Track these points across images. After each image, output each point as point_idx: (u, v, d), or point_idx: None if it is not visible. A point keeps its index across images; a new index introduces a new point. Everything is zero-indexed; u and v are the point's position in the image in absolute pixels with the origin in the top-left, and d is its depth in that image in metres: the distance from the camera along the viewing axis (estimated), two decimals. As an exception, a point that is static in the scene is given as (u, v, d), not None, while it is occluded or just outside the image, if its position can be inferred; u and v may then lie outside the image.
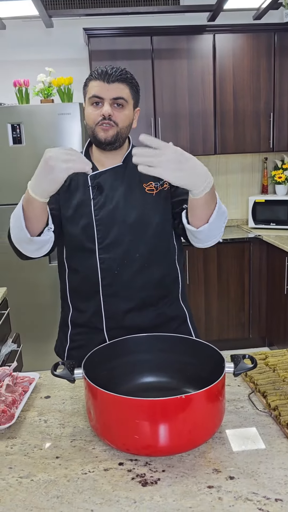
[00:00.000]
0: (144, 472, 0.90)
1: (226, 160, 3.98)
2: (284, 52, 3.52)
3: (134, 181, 1.37)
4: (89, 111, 1.31)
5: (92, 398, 0.98)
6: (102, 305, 1.39)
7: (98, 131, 1.31)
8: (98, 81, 1.28)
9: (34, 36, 3.61)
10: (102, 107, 1.29)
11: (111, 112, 1.28)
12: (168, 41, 3.42)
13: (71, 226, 1.37)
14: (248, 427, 1.04)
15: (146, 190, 1.37)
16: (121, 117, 1.31)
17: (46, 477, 0.90)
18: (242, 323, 3.61)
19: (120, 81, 1.29)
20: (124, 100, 1.30)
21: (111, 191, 1.36)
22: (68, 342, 1.49)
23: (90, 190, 1.36)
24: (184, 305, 1.51)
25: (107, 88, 1.28)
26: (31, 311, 3.24)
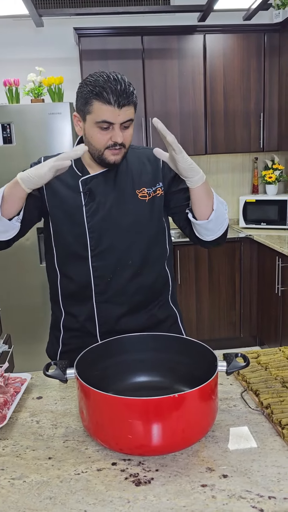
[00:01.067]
0: (137, 472, 0.90)
1: (217, 160, 3.99)
2: (273, 52, 3.54)
3: (127, 187, 1.35)
4: (97, 134, 1.25)
5: (84, 398, 0.98)
6: (95, 311, 1.38)
7: (108, 154, 1.27)
8: (107, 105, 1.20)
9: (24, 35, 3.59)
10: (112, 131, 1.23)
11: (123, 138, 1.25)
12: (158, 41, 3.42)
13: (62, 234, 1.36)
14: (241, 425, 1.04)
15: (139, 197, 1.35)
16: (128, 138, 1.28)
17: (39, 478, 0.90)
18: (233, 322, 3.62)
19: (129, 104, 1.23)
20: (131, 121, 1.27)
21: (103, 196, 1.34)
22: (60, 345, 1.47)
23: (81, 196, 1.33)
24: (174, 306, 1.51)
25: (118, 113, 1.22)
26: (22, 312, 3.22)
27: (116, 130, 1.23)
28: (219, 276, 3.54)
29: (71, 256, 1.36)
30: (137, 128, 3.49)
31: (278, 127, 3.64)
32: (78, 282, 1.37)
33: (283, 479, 0.86)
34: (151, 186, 1.37)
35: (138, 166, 1.37)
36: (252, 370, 1.25)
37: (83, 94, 1.24)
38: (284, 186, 4.04)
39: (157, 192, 1.37)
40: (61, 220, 1.36)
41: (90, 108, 1.23)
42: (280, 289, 3.15)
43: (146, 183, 1.36)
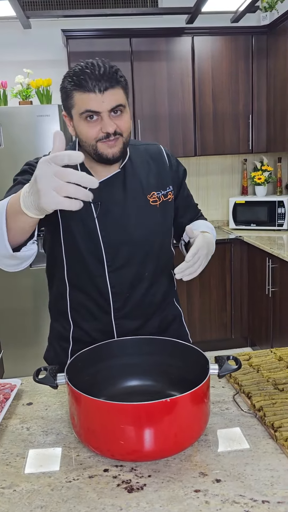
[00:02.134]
0: (129, 478, 0.89)
1: (206, 161, 4.00)
2: (261, 54, 3.56)
3: (138, 193, 1.25)
4: (84, 128, 1.12)
5: (75, 403, 0.96)
6: (114, 327, 1.31)
7: (103, 148, 1.13)
8: (87, 93, 1.08)
9: (11, 37, 3.57)
10: (100, 121, 1.11)
11: (115, 126, 1.11)
12: (147, 43, 3.42)
13: (74, 246, 1.24)
14: (234, 428, 1.04)
15: (151, 202, 1.27)
16: (124, 125, 1.14)
17: (29, 486, 0.88)
18: (224, 323, 3.63)
19: (113, 86, 1.09)
20: (122, 106, 1.13)
21: (115, 206, 1.22)
22: (69, 357, 1.34)
23: (92, 207, 1.20)
24: (178, 305, 1.49)
25: (101, 100, 1.08)
26: (12, 316, 3.19)
27: (105, 119, 1.10)
28: (209, 278, 3.54)
29: (86, 272, 1.26)
30: (126, 130, 3.49)
31: (267, 129, 3.66)
32: (94, 299, 1.30)
33: (276, 482, 0.85)
34: (160, 189, 1.29)
35: (143, 167, 1.29)
36: (244, 372, 1.24)
37: (64, 89, 1.14)
38: (273, 187, 4.07)
39: (168, 197, 1.31)
40: (74, 232, 1.23)
41: (72, 101, 1.12)
42: (270, 290, 3.17)
43: (154, 185, 1.29)
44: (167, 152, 1.35)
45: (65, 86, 1.14)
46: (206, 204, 4.08)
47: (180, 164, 1.39)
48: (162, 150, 1.35)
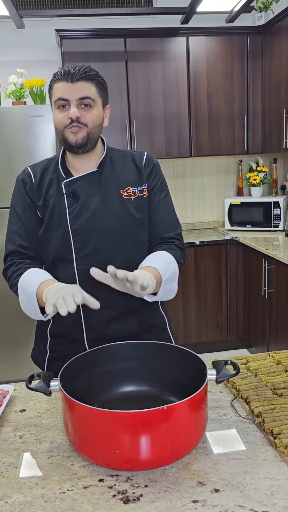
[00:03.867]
0: (125, 489, 0.86)
1: (202, 162, 3.98)
2: (256, 54, 3.54)
3: (111, 187, 1.33)
4: (56, 114, 1.27)
5: (69, 411, 0.94)
6: (82, 317, 1.34)
7: (68, 134, 1.26)
8: (62, 82, 1.23)
9: (4, 36, 3.53)
10: (69, 109, 1.24)
11: (78, 114, 1.23)
12: (141, 43, 3.40)
13: (47, 237, 1.34)
14: (232, 435, 1.01)
15: (124, 196, 1.33)
16: (90, 117, 1.26)
17: (22, 498, 0.85)
18: (220, 325, 3.60)
19: (84, 79, 1.23)
20: (91, 99, 1.25)
21: (87, 198, 1.31)
22: (48, 352, 1.43)
23: (64, 198, 1.31)
24: (163, 311, 1.48)
25: (71, 88, 1.22)
26: (4, 319, 3.15)
27: (72, 107, 1.23)
28: (205, 279, 3.52)
29: (57, 260, 1.33)
30: (121, 130, 3.46)
31: (262, 129, 3.64)
32: None
33: (276, 492, 0.83)
34: (137, 186, 1.35)
35: (124, 166, 1.37)
36: (242, 377, 1.22)
37: (50, 83, 1.29)
38: (268, 188, 4.05)
39: (143, 193, 1.36)
40: (48, 223, 1.33)
41: (51, 91, 1.27)
42: (266, 291, 3.15)
43: (131, 182, 1.35)
44: (148, 157, 1.40)
45: (50, 81, 1.29)
46: (202, 205, 4.06)
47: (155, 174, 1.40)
48: (143, 154, 1.41)
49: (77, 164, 1.34)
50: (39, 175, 1.35)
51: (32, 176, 1.36)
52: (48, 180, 1.34)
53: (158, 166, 1.43)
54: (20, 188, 1.37)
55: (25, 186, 1.35)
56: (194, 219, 4.05)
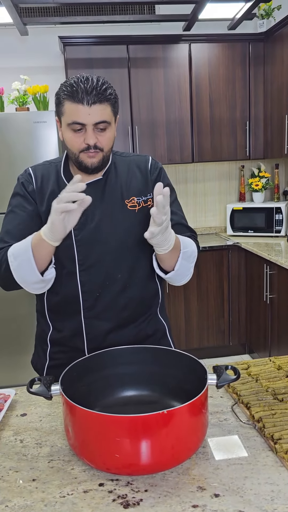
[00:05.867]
0: (125, 493, 0.86)
1: (204, 168, 3.99)
2: (258, 61, 3.57)
3: (116, 197, 1.31)
4: (70, 136, 1.22)
5: (70, 415, 0.94)
6: (84, 327, 1.33)
7: (84, 158, 1.23)
8: (76, 104, 1.17)
9: (8, 43, 3.57)
10: (85, 133, 1.20)
11: (96, 139, 1.20)
12: (144, 50, 3.42)
13: None
14: (232, 440, 1.01)
15: (129, 207, 1.31)
16: (106, 142, 1.23)
17: (22, 502, 0.85)
18: (222, 330, 3.60)
19: (100, 101, 1.18)
20: (107, 123, 1.21)
21: (92, 208, 1.25)
22: (47, 359, 1.42)
23: None
24: (162, 318, 1.47)
25: (87, 112, 1.17)
26: (6, 324, 3.15)
27: (89, 132, 1.19)
28: (207, 284, 3.52)
29: (58, 270, 1.29)
30: (123, 136, 3.48)
31: (264, 135, 3.66)
32: (65, 297, 1.32)
33: (276, 497, 0.83)
34: (141, 195, 1.32)
35: (128, 174, 1.34)
36: (243, 382, 1.22)
37: (58, 95, 1.23)
38: (270, 193, 4.06)
39: (148, 203, 1.33)
40: None
41: (62, 109, 1.22)
42: (268, 297, 3.15)
43: (136, 192, 1.32)
44: (152, 163, 1.38)
45: (59, 94, 1.23)
46: (204, 211, 4.07)
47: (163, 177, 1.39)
48: (148, 160, 1.38)
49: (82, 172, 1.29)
50: (40, 178, 1.32)
51: (33, 178, 1.33)
52: (50, 188, 1.30)
53: (164, 170, 1.41)
54: (22, 190, 1.33)
55: (27, 187, 1.32)
56: (196, 225, 4.06)
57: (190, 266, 1.28)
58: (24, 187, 1.33)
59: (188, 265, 1.27)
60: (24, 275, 1.20)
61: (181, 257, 1.23)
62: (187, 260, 1.25)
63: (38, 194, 1.32)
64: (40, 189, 1.32)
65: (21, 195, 1.33)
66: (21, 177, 1.35)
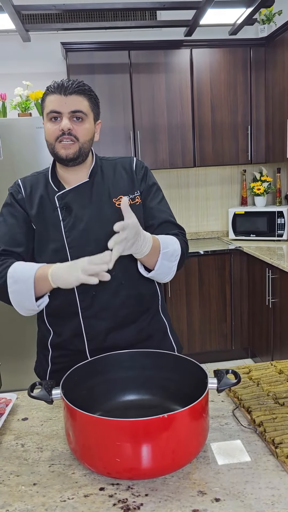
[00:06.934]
0: (126, 497, 0.86)
1: (205, 172, 4.00)
2: (259, 66, 3.58)
3: (103, 197, 1.34)
4: (48, 126, 1.27)
5: (71, 419, 0.94)
6: (83, 327, 1.34)
7: (59, 148, 1.27)
8: (55, 94, 1.24)
9: (11, 49, 3.60)
10: (61, 121, 1.25)
11: (70, 126, 1.25)
12: (145, 55, 3.44)
13: (41, 252, 1.33)
14: (233, 444, 1.01)
15: (117, 205, 1.33)
16: (81, 131, 1.27)
17: (23, 506, 0.85)
18: (225, 334, 3.59)
19: (77, 93, 1.25)
20: (83, 113, 1.26)
21: (80, 209, 1.32)
22: (49, 365, 1.43)
23: (58, 211, 1.32)
24: (164, 317, 1.48)
25: (64, 101, 1.24)
26: (9, 328, 3.16)
27: (64, 119, 1.24)
28: (209, 289, 3.52)
29: None
30: (125, 141, 3.50)
31: (266, 140, 3.66)
32: (62, 299, 1.33)
33: (277, 501, 0.83)
34: (129, 194, 1.35)
35: (114, 175, 1.37)
36: (244, 386, 1.22)
37: (42, 96, 1.31)
38: (272, 197, 4.06)
39: (136, 201, 1.36)
40: (42, 236, 1.33)
41: (43, 104, 1.29)
42: (270, 301, 3.14)
43: (123, 190, 1.35)
44: (137, 163, 1.42)
45: (43, 94, 1.30)
46: (206, 215, 4.07)
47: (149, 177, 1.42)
48: (133, 160, 1.42)
49: (68, 176, 1.35)
50: (29, 187, 1.37)
51: (22, 188, 1.37)
52: (39, 194, 1.34)
53: (149, 169, 1.44)
54: (10, 199, 1.37)
55: (16, 196, 1.36)
56: (198, 229, 4.07)
57: (172, 265, 1.30)
58: (13, 196, 1.37)
59: (170, 264, 1.29)
60: (20, 301, 1.25)
61: (160, 257, 1.26)
62: (167, 259, 1.28)
63: (27, 201, 1.36)
64: (29, 196, 1.36)
65: (10, 204, 1.37)
66: (10, 189, 1.40)
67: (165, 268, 1.29)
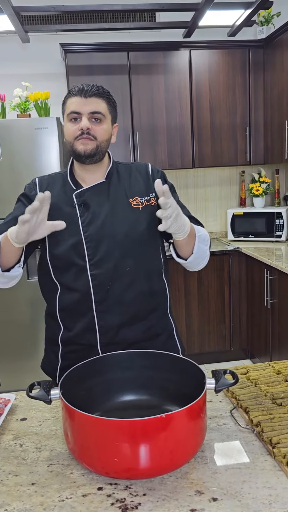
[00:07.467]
0: (124, 497, 0.86)
1: (204, 173, 4.01)
2: (258, 67, 3.59)
3: (120, 196, 1.39)
4: (68, 126, 1.34)
5: (69, 419, 0.94)
6: (96, 322, 1.37)
7: (77, 145, 1.33)
8: (76, 97, 1.32)
9: (10, 51, 3.60)
10: (80, 122, 1.32)
11: (89, 125, 1.31)
12: (144, 56, 3.45)
13: (58, 246, 1.36)
14: (231, 444, 1.01)
15: (133, 205, 1.39)
16: (99, 131, 1.33)
17: (21, 506, 0.86)
18: (223, 335, 3.60)
19: (97, 95, 1.32)
20: (101, 114, 1.33)
21: (98, 207, 1.37)
22: (60, 361, 1.45)
23: (76, 208, 1.37)
24: (171, 318, 1.52)
25: (84, 102, 1.31)
26: (8, 328, 3.16)
27: (83, 119, 1.31)
28: (208, 289, 3.53)
29: (69, 267, 1.36)
30: (124, 142, 3.50)
31: (264, 141, 3.67)
32: (77, 292, 1.37)
33: (274, 501, 0.83)
34: (144, 196, 1.41)
35: (130, 179, 1.43)
36: (242, 386, 1.22)
37: (64, 99, 1.37)
38: (271, 198, 4.07)
39: (151, 202, 1.41)
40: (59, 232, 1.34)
41: (64, 106, 1.36)
42: (269, 302, 3.15)
43: (138, 192, 1.41)
44: (153, 168, 1.48)
45: (65, 96, 1.37)
46: (205, 216, 4.08)
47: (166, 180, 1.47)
48: (148, 166, 1.48)
49: (86, 175, 1.40)
50: (45, 185, 1.41)
51: (37, 185, 1.42)
52: (56, 192, 1.38)
53: (164, 174, 1.49)
54: (23, 195, 1.43)
55: (29, 192, 1.42)
56: (197, 230, 4.07)
57: (206, 248, 1.37)
58: (26, 193, 1.43)
59: (204, 248, 1.36)
60: None
61: (197, 240, 1.33)
62: (202, 243, 1.35)
63: None
64: None
65: (21, 200, 1.43)
66: (26, 186, 1.45)
67: (201, 252, 1.35)
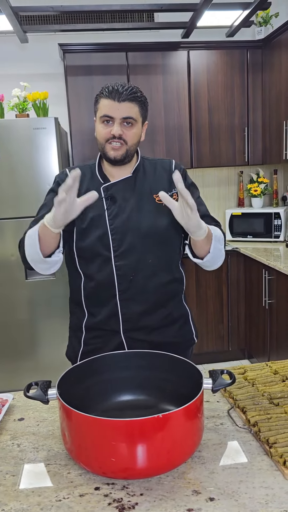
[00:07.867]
0: (121, 497, 0.86)
1: (202, 173, 4.01)
2: (256, 68, 3.59)
3: (145, 192, 1.44)
4: (100, 128, 1.38)
5: (66, 419, 0.95)
6: (119, 309, 1.43)
7: (108, 149, 1.38)
8: (109, 99, 1.34)
9: (8, 51, 3.60)
10: (113, 125, 1.35)
11: (121, 132, 1.35)
12: (143, 57, 3.45)
13: (85, 237, 1.42)
14: (228, 444, 1.02)
15: (157, 201, 1.43)
16: (130, 136, 1.37)
17: (18, 506, 0.86)
18: (221, 336, 3.60)
19: (130, 100, 1.34)
20: (133, 119, 1.36)
21: (124, 201, 1.42)
22: (81, 346, 1.50)
23: (103, 201, 1.42)
24: (186, 304, 1.58)
25: (117, 107, 1.34)
26: (6, 328, 3.16)
27: (116, 124, 1.35)
28: (206, 290, 3.53)
29: (94, 258, 1.42)
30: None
31: (262, 141, 3.68)
32: (102, 282, 1.42)
33: (271, 501, 0.83)
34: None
35: (155, 174, 1.49)
36: (239, 386, 1.23)
37: (96, 96, 1.40)
38: (269, 199, 4.08)
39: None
40: (86, 224, 1.42)
41: (97, 106, 1.39)
42: (267, 302, 3.15)
43: (162, 188, 1.43)
44: (176, 165, 1.53)
45: (98, 94, 1.40)
46: (203, 216, 4.08)
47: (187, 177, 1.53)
48: (172, 162, 1.54)
49: (113, 171, 1.45)
50: None
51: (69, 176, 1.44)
52: (85, 184, 1.43)
53: (186, 171, 1.54)
54: (56, 186, 1.45)
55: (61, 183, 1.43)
56: (195, 230, 4.07)
57: (221, 247, 1.39)
58: (58, 184, 1.44)
59: (220, 247, 1.38)
60: (30, 254, 1.34)
61: (213, 239, 1.35)
62: (218, 242, 1.37)
63: None
64: None
65: (53, 191, 1.45)
66: (57, 177, 1.49)
67: (217, 251, 1.37)
